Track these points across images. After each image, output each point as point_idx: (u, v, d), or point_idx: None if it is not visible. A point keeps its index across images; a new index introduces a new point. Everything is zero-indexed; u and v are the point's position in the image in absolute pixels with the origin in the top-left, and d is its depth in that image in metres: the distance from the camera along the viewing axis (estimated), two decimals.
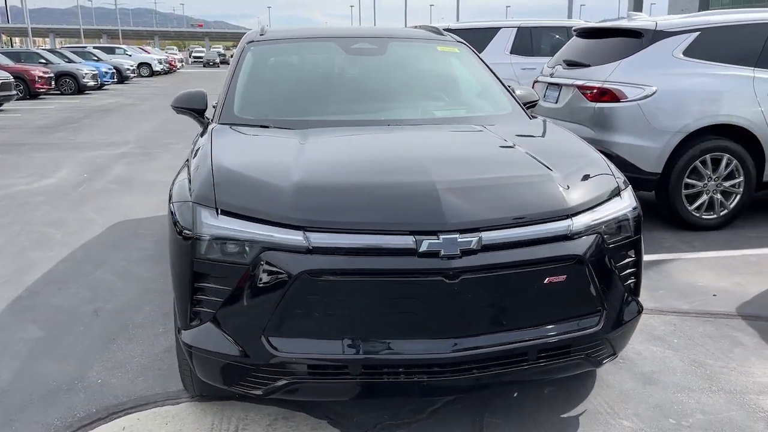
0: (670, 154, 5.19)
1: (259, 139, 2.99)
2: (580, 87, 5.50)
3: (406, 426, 2.68)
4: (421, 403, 2.81)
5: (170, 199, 2.68)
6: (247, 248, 2.26)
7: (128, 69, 31.45)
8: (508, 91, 3.71)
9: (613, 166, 2.82)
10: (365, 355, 2.25)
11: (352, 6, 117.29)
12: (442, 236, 2.21)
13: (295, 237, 2.23)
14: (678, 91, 5.20)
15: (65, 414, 2.78)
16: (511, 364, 2.34)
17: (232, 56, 4.08)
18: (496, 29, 9.65)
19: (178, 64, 47.64)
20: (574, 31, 6.46)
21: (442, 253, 2.20)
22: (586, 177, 2.62)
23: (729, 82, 5.27)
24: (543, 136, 3.24)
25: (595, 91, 5.35)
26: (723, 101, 5.23)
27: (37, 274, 4.50)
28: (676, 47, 5.31)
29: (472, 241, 2.22)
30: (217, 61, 59.64)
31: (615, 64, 5.37)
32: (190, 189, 2.51)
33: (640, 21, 5.72)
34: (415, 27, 4.34)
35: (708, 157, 5.28)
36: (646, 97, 5.16)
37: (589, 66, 5.63)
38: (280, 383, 2.31)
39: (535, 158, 2.69)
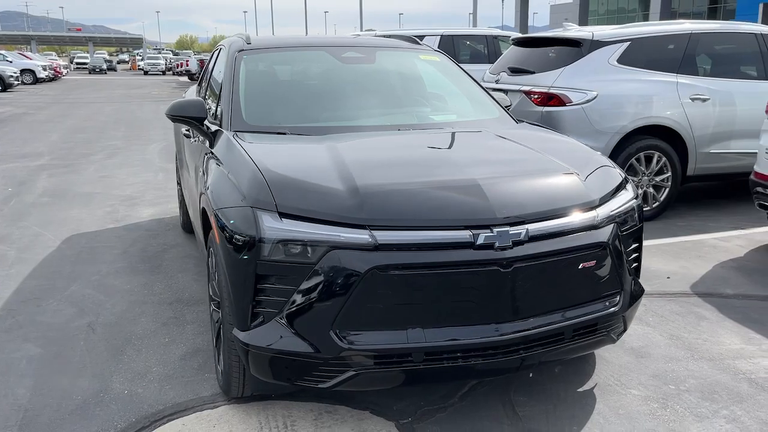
0: (610, 153, 5.68)
1: (289, 144, 3.08)
2: (527, 92, 5.90)
3: (443, 410, 2.87)
4: (451, 389, 3.01)
5: (210, 206, 2.74)
6: (312, 248, 2.38)
7: (11, 76, 29.48)
8: (491, 96, 4.00)
9: (612, 162, 3.15)
10: (427, 343, 2.42)
11: (245, 12, 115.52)
12: (495, 229, 2.43)
13: (361, 236, 2.37)
14: (615, 96, 5.71)
15: (105, 426, 2.76)
16: (551, 344, 2.59)
17: (119, 62, 4.07)
18: (421, 37, 10.01)
19: (64, 71, 45.08)
20: (512, 40, 6.90)
21: (497, 244, 2.42)
22: (597, 172, 2.93)
23: (657, 86, 5.84)
24: (540, 137, 3.53)
25: (542, 96, 5.76)
26: (653, 104, 5.80)
27: (6, 292, 4.30)
28: (611, 55, 5.83)
29: (521, 232, 2.46)
30: (104, 67, 56.83)
31: (559, 71, 5.81)
32: (242, 194, 2.57)
33: (579, 31, 6.21)
34: (389, 36, 4.53)
35: (642, 154, 5.83)
36: (588, 101, 5.63)
37: (534, 73, 6.05)
38: (347, 375, 2.44)
39: (551, 157, 2.97)
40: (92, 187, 7.67)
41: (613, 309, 2.73)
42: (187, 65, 40.34)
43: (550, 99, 5.70)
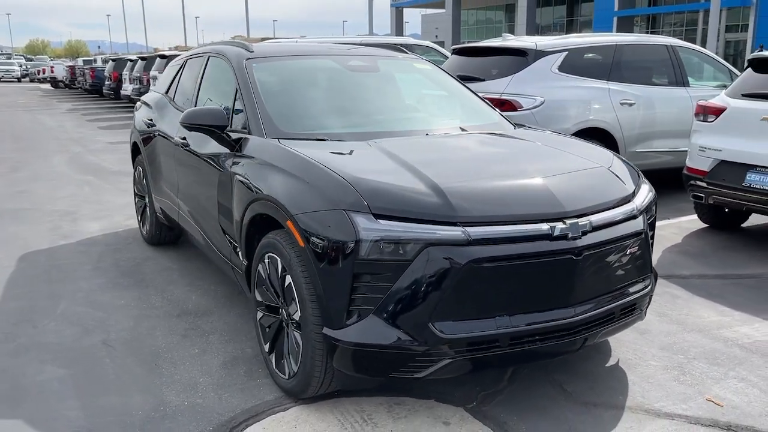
0: None
1: (344, 150, 3.17)
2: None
3: (500, 393, 3.09)
4: (497, 374, 3.24)
5: (280, 211, 2.80)
6: (409, 246, 2.52)
7: None
8: (487, 102, 4.29)
9: (624, 158, 3.53)
10: (513, 329, 2.64)
11: (109, 15, 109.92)
12: (568, 221, 2.70)
13: (455, 232, 2.55)
14: (559, 101, 6.22)
15: None
16: (605, 323, 2.90)
17: None
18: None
19: None
20: (453, 50, 7.27)
21: (569, 235, 2.68)
22: (622, 167, 3.28)
23: (593, 92, 6.42)
24: (554, 138, 3.83)
25: (494, 102, 6.14)
26: (591, 109, 6.37)
27: None
28: (553, 64, 6.34)
29: (587, 224, 2.74)
30: None
31: (508, 78, 6.24)
32: (326, 198, 2.66)
33: (523, 42, 6.67)
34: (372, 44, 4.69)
35: None
36: (536, 106, 6.09)
37: (483, 80, 6.43)
38: (443, 363, 2.60)
39: (579, 155, 3.29)
40: (15, 203, 7.16)
41: (647, 289, 3.09)
42: (53, 72, 37.77)
43: (503, 105, 6.09)
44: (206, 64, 4.43)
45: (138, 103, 5.84)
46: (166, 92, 5.15)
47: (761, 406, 2.98)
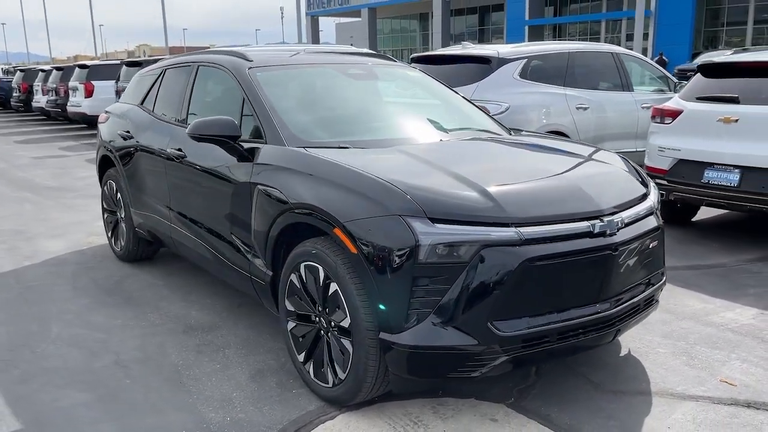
0: None
1: (377, 157, 3.19)
2: None
3: (533, 388, 3.21)
4: (525, 369, 3.35)
5: (329, 218, 2.81)
6: (465, 248, 2.60)
7: None
8: (479, 107, 4.42)
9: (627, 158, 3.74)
10: (561, 323, 2.76)
11: (3, 23, 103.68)
12: (605, 219, 2.85)
13: (508, 233, 2.64)
14: (522, 106, 6.46)
15: None
16: (633, 315, 3.07)
17: None
18: None
19: None
20: (412, 58, 7.41)
21: (607, 231, 2.83)
22: (632, 168, 3.48)
23: (552, 98, 6.72)
24: (558, 142, 4.00)
25: None
26: (551, 113, 6.66)
27: None
28: (514, 71, 6.59)
29: (620, 221, 2.90)
30: None
31: (474, 85, 6.42)
32: (378, 204, 2.69)
33: (485, 49, 6.89)
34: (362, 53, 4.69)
35: None
36: (502, 112, 6.30)
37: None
38: (499, 360, 2.69)
39: (593, 158, 3.46)
40: None
41: (662, 281, 3.30)
42: None
43: None
44: (195, 74, 4.33)
45: (103, 115, 5.62)
46: (142, 103, 4.99)
47: None
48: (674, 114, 5.74)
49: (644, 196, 3.21)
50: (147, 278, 4.91)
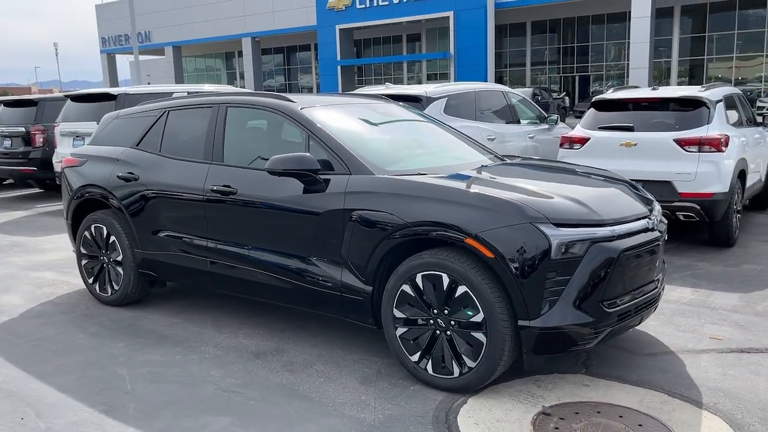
0: None
1: (471, 179, 3.75)
2: None
3: (590, 360, 3.95)
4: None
5: (460, 231, 3.35)
6: (580, 245, 3.30)
7: None
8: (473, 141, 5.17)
9: None
10: (637, 299, 3.57)
11: None
12: (651, 217, 3.72)
13: (607, 231, 3.39)
14: None
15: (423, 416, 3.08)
16: (652, 306, 3.93)
17: None
18: (170, 93, 10.13)
19: None
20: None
21: (655, 227, 3.71)
22: (631, 183, 4.42)
23: (471, 130, 7.54)
24: (561, 163, 4.85)
25: None
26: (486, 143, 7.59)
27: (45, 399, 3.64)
28: (440, 108, 7.46)
29: (656, 219, 3.80)
30: None
31: None
32: (506, 216, 3.29)
33: (413, 89, 7.66)
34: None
35: None
36: None
37: None
38: (605, 333, 3.41)
39: (601, 174, 4.35)
40: None
41: (666, 270, 4.26)
42: None
43: None
44: (225, 116, 4.52)
45: (70, 160, 5.44)
46: (137, 145, 5.00)
47: (746, 335, 4.31)
48: (582, 140, 6.97)
49: (652, 203, 4.15)
50: (158, 318, 4.89)
